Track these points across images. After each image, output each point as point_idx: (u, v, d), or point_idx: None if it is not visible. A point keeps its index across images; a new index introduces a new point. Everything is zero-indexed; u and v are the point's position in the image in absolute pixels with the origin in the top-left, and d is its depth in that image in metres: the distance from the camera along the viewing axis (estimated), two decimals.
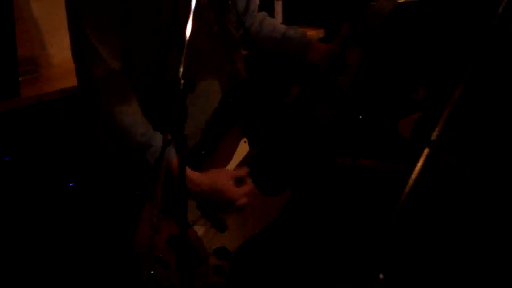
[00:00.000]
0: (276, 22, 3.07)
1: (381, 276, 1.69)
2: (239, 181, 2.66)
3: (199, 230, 2.64)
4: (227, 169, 2.68)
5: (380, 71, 2.64)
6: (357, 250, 2.84)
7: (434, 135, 1.64)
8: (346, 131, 3.31)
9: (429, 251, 2.50)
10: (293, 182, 2.86)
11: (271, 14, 4.72)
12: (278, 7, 4.72)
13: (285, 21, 4.74)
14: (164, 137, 1.92)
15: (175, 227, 2.35)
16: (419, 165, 1.62)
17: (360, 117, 2.93)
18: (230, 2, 2.72)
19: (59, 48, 3.66)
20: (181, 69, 1.92)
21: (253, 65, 2.81)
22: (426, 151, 1.63)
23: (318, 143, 3.28)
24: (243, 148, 2.70)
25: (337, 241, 3.15)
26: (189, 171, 2.54)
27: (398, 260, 2.69)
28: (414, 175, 1.62)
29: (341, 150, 3.52)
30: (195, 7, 2.02)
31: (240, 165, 2.70)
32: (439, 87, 2.53)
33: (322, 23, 4.66)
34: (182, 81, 1.91)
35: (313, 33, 4.62)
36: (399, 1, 2.54)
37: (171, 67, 2.53)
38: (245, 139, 2.70)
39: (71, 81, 3.45)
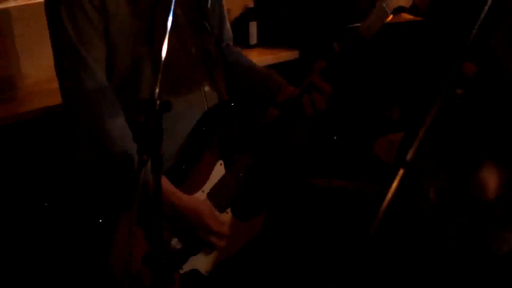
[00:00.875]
0: (250, 60, 3.07)
1: None
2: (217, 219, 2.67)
3: (172, 250, 2.63)
4: (206, 193, 2.67)
5: (354, 92, 2.66)
6: (333, 270, 2.84)
7: (409, 156, 1.65)
8: (320, 152, 3.32)
9: (404, 271, 2.51)
10: (269, 205, 2.86)
11: (246, 35, 4.75)
12: (253, 28, 4.74)
13: (260, 42, 4.75)
14: (140, 157, 1.92)
15: (151, 245, 2.34)
16: (394, 185, 1.63)
17: (335, 137, 2.93)
18: (207, 24, 2.72)
19: (34, 69, 3.66)
20: (157, 90, 1.91)
21: (235, 86, 2.81)
22: (401, 172, 1.63)
23: (293, 164, 3.28)
24: (218, 170, 2.70)
25: (313, 263, 3.15)
26: (173, 188, 2.54)
27: (374, 280, 2.70)
28: (389, 196, 1.62)
29: (316, 171, 3.53)
30: (174, 28, 2.02)
31: (216, 187, 2.70)
32: (414, 108, 2.54)
33: (296, 44, 4.68)
34: (158, 102, 1.91)
35: (289, 53, 4.65)
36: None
37: (148, 87, 2.54)
38: (221, 161, 2.70)
39: (47, 101, 3.46)
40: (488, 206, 2.22)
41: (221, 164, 2.70)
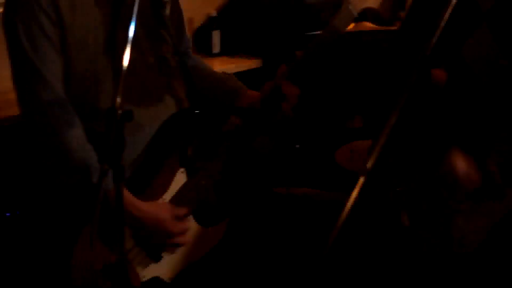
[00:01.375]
0: (210, 66, 3.08)
1: None
2: (178, 219, 2.66)
3: (133, 258, 2.62)
4: (167, 201, 2.67)
5: (316, 100, 2.67)
6: (293, 278, 2.85)
7: (369, 164, 1.66)
8: (283, 160, 3.33)
9: (364, 280, 2.53)
10: (232, 212, 2.87)
11: (209, 44, 4.76)
12: (216, 37, 4.75)
13: (223, 50, 4.76)
14: (101, 167, 1.91)
15: (111, 255, 2.33)
16: (354, 193, 1.64)
17: (297, 146, 2.95)
18: (165, 32, 2.73)
19: None
20: (118, 99, 1.90)
21: (195, 94, 2.81)
22: (361, 180, 1.64)
23: (255, 173, 3.29)
24: (180, 178, 2.70)
25: (275, 270, 3.15)
26: (131, 197, 2.53)
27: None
28: (349, 204, 1.63)
29: (279, 179, 3.54)
30: (133, 37, 2.02)
31: (177, 195, 2.70)
32: (376, 116, 2.56)
33: (259, 52, 4.70)
34: (119, 111, 1.90)
35: (251, 62, 4.66)
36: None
37: (108, 96, 2.53)
38: (182, 169, 2.70)
39: (9, 111, 3.43)
40: (455, 200, 2.24)
41: (182, 172, 2.70)
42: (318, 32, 4.25)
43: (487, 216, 2.15)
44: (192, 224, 2.73)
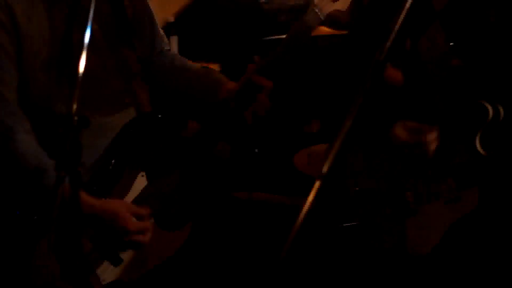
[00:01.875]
0: (186, 61, 3.07)
1: None
2: (139, 218, 2.65)
3: (93, 262, 2.61)
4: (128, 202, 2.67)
5: (274, 105, 2.68)
6: (252, 281, 2.86)
7: (324, 169, 1.66)
8: (242, 165, 3.33)
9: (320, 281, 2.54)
10: (195, 217, 2.86)
11: None
12: (174, 43, 4.74)
13: (180, 56, 4.76)
14: (58, 174, 1.91)
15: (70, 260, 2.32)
16: (310, 198, 1.64)
17: (256, 150, 2.96)
18: (127, 36, 2.72)
19: None
20: (74, 106, 1.90)
21: (158, 98, 2.81)
22: (317, 184, 1.65)
23: (215, 178, 3.29)
24: (140, 181, 2.70)
25: (236, 275, 3.16)
26: (86, 198, 2.52)
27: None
28: (305, 208, 1.64)
29: (238, 184, 3.54)
30: (90, 43, 2.01)
31: (137, 198, 2.70)
32: (332, 121, 2.58)
33: (217, 58, 4.71)
34: (76, 118, 1.90)
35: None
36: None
37: (65, 103, 2.52)
38: (142, 173, 2.70)
39: None
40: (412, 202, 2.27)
41: (142, 176, 2.70)
42: (276, 36, 4.30)
43: (443, 218, 2.17)
44: (153, 228, 2.72)
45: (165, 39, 3.09)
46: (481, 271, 2.19)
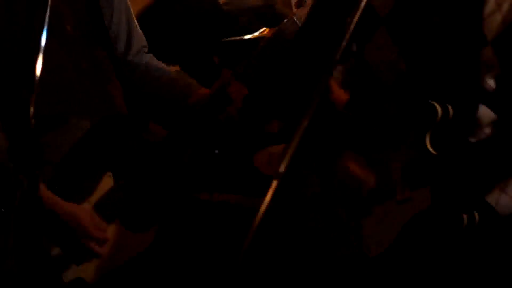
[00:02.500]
0: (162, 65, 3.07)
1: None
2: (98, 227, 2.65)
3: (55, 259, 2.61)
4: (92, 203, 2.66)
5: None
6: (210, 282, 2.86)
7: (282, 167, 1.67)
8: (202, 166, 3.34)
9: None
10: (160, 219, 2.86)
11: None
12: None
13: None
14: (16, 178, 1.90)
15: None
16: (267, 198, 1.65)
17: (216, 151, 2.96)
18: (101, 36, 2.72)
19: None
20: (32, 109, 1.89)
21: (132, 99, 2.81)
22: (274, 183, 1.66)
23: (176, 178, 3.29)
24: (107, 181, 2.69)
25: (197, 276, 3.17)
26: (51, 197, 2.52)
27: None
28: (262, 208, 1.64)
29: (199, 185, 3.54)
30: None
31: (103, 198, 2.69)
32: (293, 121, 2.58)
33: (176, 59, 4.70)
34: (33, 121, 1.89)
35: (169, 69, 4.65)
36: None
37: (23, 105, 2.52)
38: (109, 173, 2.70)
39: None
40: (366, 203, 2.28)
41: (109, 176, 2.69)
42: (236, 38, 4.30)
43: (397, 218, 2.19)
44: (117, 229, 2.72)
45: (144, 40, 3.08)
46: (434, 270, 2.21)
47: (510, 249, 2.18)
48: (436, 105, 2.08)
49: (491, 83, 2.12)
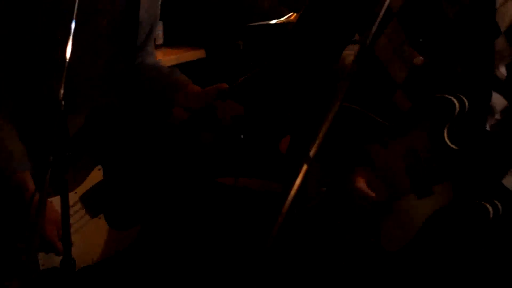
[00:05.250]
0: (157, 61, 3.07)
1: None
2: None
3: (34, 248, 2.60)
4: (79, 196, 2.66)
5: (260, 93, 2.68)
6: (237, 274, 2.86)
7: (312, 152, 1.67)
8: (227, 151, 3.34)
9: (311, 271, 2.54)
10: (145, 219, 2.85)
11: None
12: (159, 28, 4.73)
13: (166, 42, 4.76)
14: (47, 158, 1.91)
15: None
16: (297, 182, 1.64)
17: (242, 136, 2.96)
18: (131, 38, 2.72)
19: None
20: (62, 91, 1.90)
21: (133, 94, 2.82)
22: (304, 167, 1.65)
23: (198, 163, 3.30)
24: (96, 175, 2.69)
25: (221, 262, 3.17)
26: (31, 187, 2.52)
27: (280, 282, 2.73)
28: (293, 192, 1.64)
29: (223, 169, 3.54)
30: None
31: (90, 192, 2.68)
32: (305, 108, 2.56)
33: (202, 43, 4.70)
34: (63, 103, 1.90)
35: (195, 53, 4.67)
36: None
37: (48, 88, 2.53)
38: (99, 167, 2.69)
39: None
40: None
41: (99, 170, 2.69)
42: (260, 22, 4.29)
43: (418, 213, 2.18)
44: (101, 224, 2.72)
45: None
46: (459, 265, 2.21)
47: None
48: (453, 99, 2.08)
49: (503, 71, 2.12)
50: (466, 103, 2.08)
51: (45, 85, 2.55)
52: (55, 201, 2.49)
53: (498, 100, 2.14)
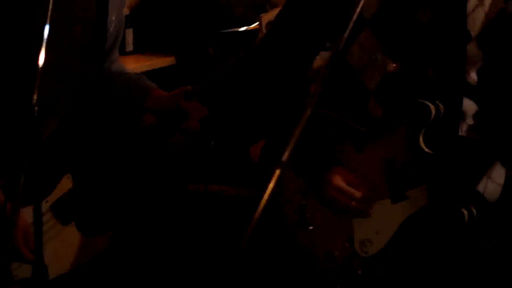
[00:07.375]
0: (123, 66, 3.07)
1: None
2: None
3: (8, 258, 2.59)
4: (49, 204, 2.65)
5: (231, 98, 2.69)
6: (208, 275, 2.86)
7: (285, 156, 1.67)
8: (198, 158, 3.34)
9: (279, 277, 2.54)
10: (116, 226, 2.85)
11: (122, 42, 4.72)
12: (129, 35, 4.73)
13: (136, 48, 4.75)
14: (20, 163, 1.90)
15: None
16: (270, 186, 1.64)
17: (212, 143, 2.96)
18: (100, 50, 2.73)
19: None
20: (35, 96, 1.90)
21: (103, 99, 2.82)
22: (277, 172, 1.66)
23: (169, 171, 3.29)
24: (66, 183, 2.68)
25: (188, 267, 3.17)
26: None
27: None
28: (265, 197, 1.64)
29: (194, 176, 3.54)
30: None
31: (61, 199, 2.67)
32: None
33: (172, 50, 4.70)
34: (36, 108, 1.90)
35: (165, 60, 4.66)
36: None
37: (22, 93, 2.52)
38: (69, 175, 2.69)
39: None
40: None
41: (68, 178, 2.68)
42: (231, 29, 4.30)
43: (392, 217, 2.20)
44: (72, 231, 2.71)
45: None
46: (435, 268, 2.22)
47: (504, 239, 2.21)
48: (429, 104, 2.10)
49: (474, 76, 2.15)
50: (442, 109, 2.11)
51: (19, 90, 2.55)
52: (22, 211, 2.48)
53: (469, 105, 2.17)
